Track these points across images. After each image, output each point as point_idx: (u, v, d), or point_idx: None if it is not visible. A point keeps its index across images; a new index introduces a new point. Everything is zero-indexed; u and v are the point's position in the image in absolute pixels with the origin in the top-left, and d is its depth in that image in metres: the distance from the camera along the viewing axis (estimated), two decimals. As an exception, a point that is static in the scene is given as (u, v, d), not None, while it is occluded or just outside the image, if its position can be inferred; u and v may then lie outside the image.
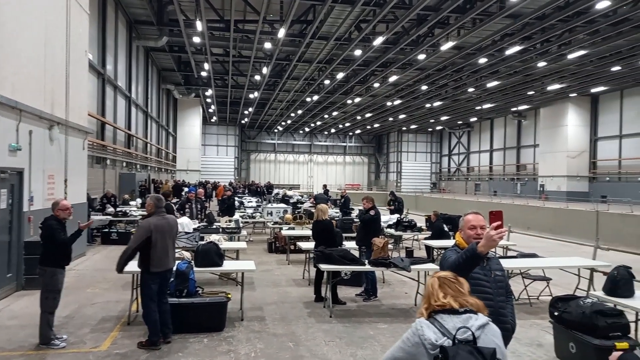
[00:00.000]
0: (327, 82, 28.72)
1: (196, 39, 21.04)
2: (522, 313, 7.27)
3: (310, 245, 8.77)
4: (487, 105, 35.47)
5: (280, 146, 57.15)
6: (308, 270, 9.13)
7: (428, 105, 35.00)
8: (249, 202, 20.31)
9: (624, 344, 4.32)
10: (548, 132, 34.75)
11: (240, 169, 55.14)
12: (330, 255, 7.13)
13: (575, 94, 31.52)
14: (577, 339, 4.84)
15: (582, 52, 20.63)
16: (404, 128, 51.51)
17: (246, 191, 29.96)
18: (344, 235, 10.03)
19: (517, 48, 20.27)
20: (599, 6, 15.58)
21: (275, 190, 27.56)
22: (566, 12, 16.28)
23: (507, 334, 2.88)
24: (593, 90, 30.42)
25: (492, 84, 27.17)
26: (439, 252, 10.98)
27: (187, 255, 7.33)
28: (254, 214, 15.69)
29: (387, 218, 13.88)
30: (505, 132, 42.86)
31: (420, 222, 13.71)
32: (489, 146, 45.43)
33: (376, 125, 48.71)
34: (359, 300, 7.87)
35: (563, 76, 25.80)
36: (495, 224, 2.70)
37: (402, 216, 14.77)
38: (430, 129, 53.06)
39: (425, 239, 11.09)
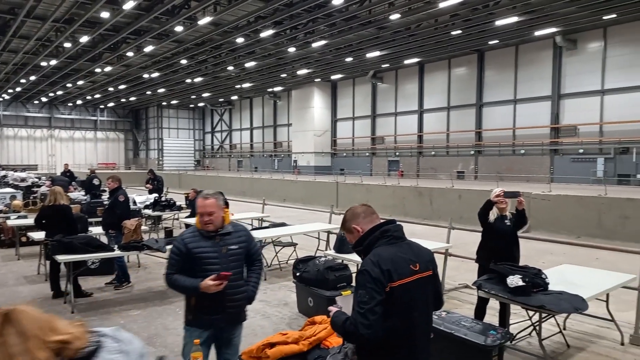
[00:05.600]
0: (68, 45, 24.80)
1: None
2: (273, 277, 7.91)
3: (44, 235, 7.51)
4: (246, 85, 36.84)
5: (8, 118, 46.94)
6: (44, 264, 7.84)
7: (188, 80, 34.14)
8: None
9: (348, 292, 5.14)
10: (299, 112, 38.48)
11: (-50, 146, 43.27)
12: (70, 243, 6.26)
13: (319, 79, 35.64)
14: (314, 294, 5.53)
15: (323, 42, 23.34)
16: (164, 103, 49.15)
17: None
18: (91, 220, 9.01)
19: (270, 32, 21.51)
20: (335, 2, 17.80)
21: (2, 172, 22.62)
22: (309, 3, 18.04)
23: (240, 303, 3.15)
24: (333, 77, 34.97)
25: (249, 64, 28.26)
26: (198, 229, 10.96)
27: None
28: (-33, 203, 12.53)
29: (144, 198, 13.09)
30: (263, 111, 45.49)
31: (181, 201, 13.42)
32: (249, 124, 47.52)
33: (132, 99, 45.00)
34: (109, 289, 7.21)
35: (309, 62, 28.76)
36: (216, 282, 2.90)
37: (162, 195, 14.18)
38: (192, 105, 52.10)
39: (186, 217, 10.92)
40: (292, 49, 24.86)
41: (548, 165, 24.21)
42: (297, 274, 5.89)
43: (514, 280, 4.20)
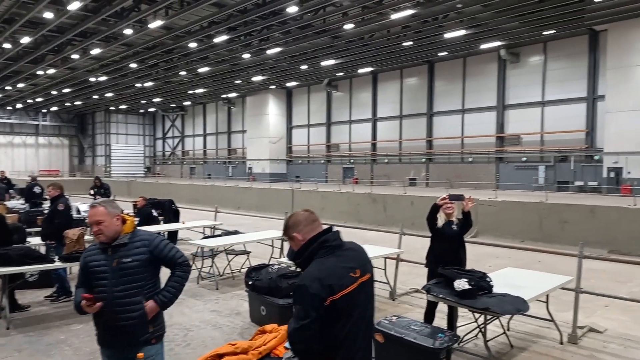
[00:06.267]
0: (7, 46, 23.46)
1: None
2: (225, 287, 7.77)
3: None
4: (199, 90, 36.18)
5: (-61, 122, 43.78)
6: (-24, 278, 7.32)
7: (139, 85, 33.13)
8: None
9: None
10: (254, 119, 38.19)
11: None
12: (5, 255, 5.88)
13: (274, 86, 35.57)
14: (266, 302, 5.47)
15: (278, 49, 23.34)
16: (113, 108, 47.39)
17: None
18: (30, 230, 8.51)
19: (224, 37, 21.28)
20: (290, 10, 17.87)
21: None
22: (264, 9, 18.01)
23: (134, 322, 2.83)
24: (288, 84, 35.01)
25: (203, 69, 27.81)
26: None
27: None
28: None
29: (88, 207, 12.51)
30: (217, 118, 44.81)
31: (129, 209, 12.93)
32: (202, 130, 46.65)
33: (78, 103, 43.05)
34: (48, 302, 6.82)
35: (264, 69, 28.66)
36: (85, 303, 2.77)
37: (108, 203, 13.60)
38: (142, 110, 50.53)
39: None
40: (246, 55, 24.69)
41: (494, 173, 25.28)
42: (250, 282, 5.80)
43: (461, 284, 4.34)
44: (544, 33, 21.46)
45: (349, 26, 19.82)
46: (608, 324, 5.97)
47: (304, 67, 27.70)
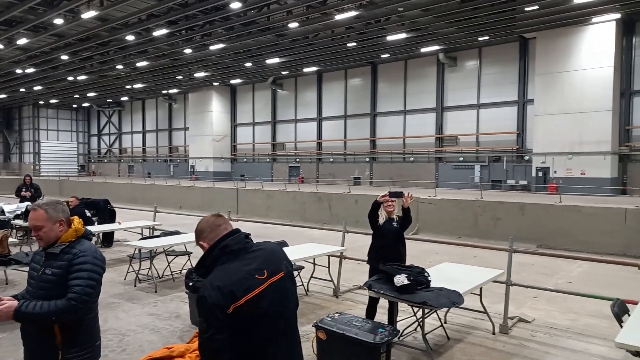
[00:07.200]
0: None
1: None
2: (164, 289, 7.51)
3: None
4: (137, 85, 34.73)
5: None
6: None
7: (71, 78, 31.24)
8: None
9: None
10: (196, 116, 37.22)
11: None
12: None
13: (217, 83, 34.85)
14: (208, 303, 5.34)
15: (221, 46, 22.86)
16: (42, 102, 44.44)
17: None
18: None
19: (164, 31, 20.56)
20: (233, 6, 17.56)
21: None
22: (206, 4, 17.58)
23: (41, 341, 2.60)
24: (232, 81, 34.42)
25: (141, 63, 26.71)
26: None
27: None
28: None
29: (14, 207, 11.69)
30: (157, 114, 43.23)
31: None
32: (141, 127, 44.85)
33: (2, 96, 39.99)
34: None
35: (207, 65, 27.98)
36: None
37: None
38: (75, 105, 47.77)
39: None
40: (188, 51, 23.99)
41: (434, 172, 26.25)
42: (190, 284, 5.64)
43: (400, 279, 4.45)
44: (479, 39, 22.54)
45: (293, 25, 19.80)
46: (536, 314, 6.36)
47: (248, 64, 27.35)
